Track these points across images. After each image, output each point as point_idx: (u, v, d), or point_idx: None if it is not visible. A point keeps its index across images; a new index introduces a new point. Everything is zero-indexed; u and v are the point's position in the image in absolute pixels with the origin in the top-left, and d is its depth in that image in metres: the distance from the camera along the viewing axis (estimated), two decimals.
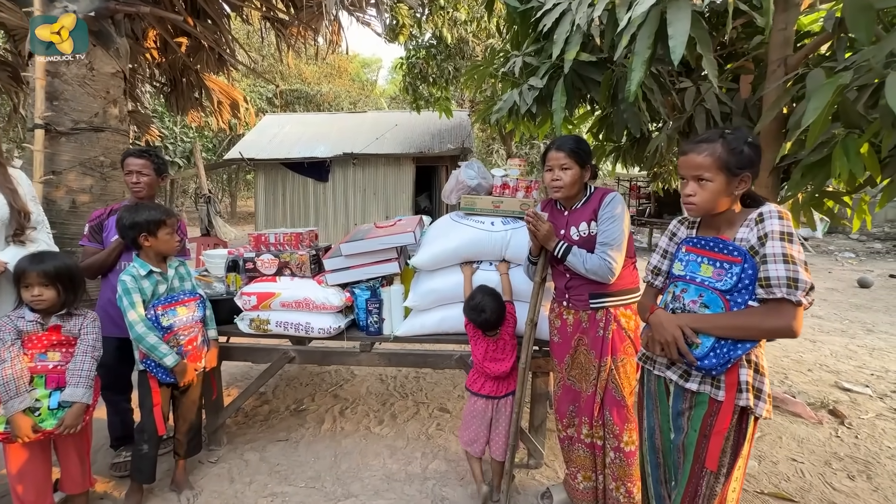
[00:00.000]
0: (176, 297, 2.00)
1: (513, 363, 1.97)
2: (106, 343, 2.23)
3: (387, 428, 2.71)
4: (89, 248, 2.23)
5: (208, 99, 5.99)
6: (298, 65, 18.62)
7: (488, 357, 1.98)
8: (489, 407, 2.00)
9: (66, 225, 3.38)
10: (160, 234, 1.97)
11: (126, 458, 2.25)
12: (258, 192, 9.97)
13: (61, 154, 3.39)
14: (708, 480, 1.24)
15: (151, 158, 2.23)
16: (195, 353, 2.01)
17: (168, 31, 4.95)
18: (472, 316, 1.95)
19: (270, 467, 2.31)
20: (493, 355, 1.98)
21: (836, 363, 3.77)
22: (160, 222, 1.96)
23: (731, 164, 1.23)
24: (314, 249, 2.41)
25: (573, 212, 1.84)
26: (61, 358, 1.72)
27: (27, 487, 1.69)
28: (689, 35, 1.71)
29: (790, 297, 1.13)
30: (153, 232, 1.96)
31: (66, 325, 1.74)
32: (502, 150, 12.08)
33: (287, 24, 5.46)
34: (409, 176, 9.72)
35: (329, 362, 2.39)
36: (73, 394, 1.69)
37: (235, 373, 3.50)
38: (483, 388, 2.01)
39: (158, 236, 1.97)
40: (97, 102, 3.55)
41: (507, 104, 2.80)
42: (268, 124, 11.28)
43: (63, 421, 1.66)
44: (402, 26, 5.80)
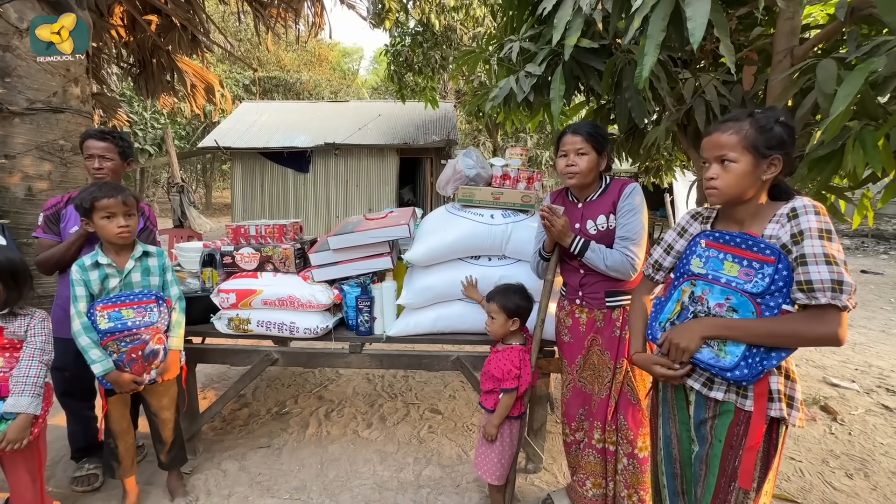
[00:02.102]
0: (125, 296, 1.74)
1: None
2: (66, 345, 2.01)
3: (376, 431, 2.57)
4: (45, 241, 1.99)
5: (181, 82, 5.65)
6: (277, 51, 18.03)
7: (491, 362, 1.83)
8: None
9: (21, 214, 3.10)
10: (94, 218, 1.71)
11: (89, 472, 2.05)
12: (234, 183, 9.59)
13: (15, 136, 3.10)
14: (737, 496, 1.15)
15: (115, 141, 2.00)
16: (139, 365, 1.73)
17: (136, 8, 4.62)
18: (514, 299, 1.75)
19: (251, 477, 2.14)
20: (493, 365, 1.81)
21: (822, 358, 3.81)
22: (91, 204, 1.69)
23: (760, 144, 1.12)
24: (299, 243, 2.23)
25: (588, 204, 1.73)
26: (4, 364, 1.50)
27: None
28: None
29: (836, 301, 1.02)
30: (87, 215, 1.71)
31: (9, 327, 1.53)
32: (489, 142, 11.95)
33: (266, 4, 5.18)
34: (393, 168, 9.51)
35: (315, 364, 2.23)
36: (17, 404, 1.46)
37: (212, 374, 3.29)
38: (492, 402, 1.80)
39: (94, 220, 1.71)
40: (55, 80, 3.25)
41: (503, 91, 2.67)
42: (245, 112, 10.84)
43: (5, 435, 1.45)
44: (387, 11, 5.58)
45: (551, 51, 2.48)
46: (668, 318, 1.25)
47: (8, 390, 1.48)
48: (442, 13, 6.31)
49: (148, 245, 1.89)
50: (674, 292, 1.28)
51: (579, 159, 1.64)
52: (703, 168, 1.26)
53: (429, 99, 7.22)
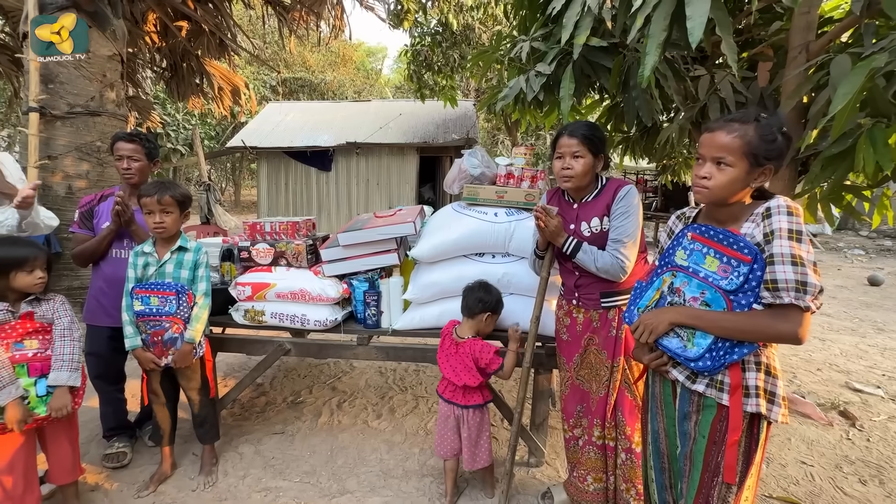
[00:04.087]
0: (155, 285, 1.92)
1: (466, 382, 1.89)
2: (98, 332, 2.19)
3: (385, 422, 2.66)
4: (80, 235, 2.16)
5: (209, 85, 5.90)
6: (302, 52, 18.43)
7: (444, 356, 1.95)
8: (451, 413, 1.95)
9: (62, 211, 3.32)
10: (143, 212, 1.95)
11: (119, 450, 2.21)
12: (260, 181, 9.90)
13: (56, 138, 3.34)
14: (720, 490, 1.17)
15: (142, 142, 2.15)
16: (159, 348, 1.92)
17: (168, 15, 4.85)
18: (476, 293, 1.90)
19: (265, 461, 2.26)
20: (449, 359, 1.93)
21: (847, 363, 3.68)
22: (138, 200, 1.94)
23: (759, 152, 1.12)
24: (311, 239, 2.33)
25: (583, 205, 1.74)
26: (39, 345, 1.67)
27: (16, 480, 1.64)
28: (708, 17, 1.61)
29: (798, 302, 1.05)
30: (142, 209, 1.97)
31: (38, 311, 1.70)
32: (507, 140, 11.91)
33: (289, 8, 5.34)
34: (413, 166, 9.61)
35: (325, 355, 2.33)
36: (58, 378, 1.66)
37: (233, 363, 3.45)
38: (445, 391, 1.97)
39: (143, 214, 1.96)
40: (93, 86, 3.47)
41: (512, 91, 2.70)
42: (271, 112, 11.16)
43: (51, 406, 1.64)
44: (406, 12, 5.65)
45: (561, 50, 2.50)
46: (647, 305, 1.28)
47: (40, 371, 1.65)
48: (460, 13, 6.34)
49: (189, 241, 2.04)
50: (655, 280, 1.31)
51: (575, 162, 1.65)
52: (697, 164, 1.27)
53: (448, 98, 7.28)
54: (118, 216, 2.04)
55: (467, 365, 1.88)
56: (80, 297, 2.96)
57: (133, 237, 2.13)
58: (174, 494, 2.01)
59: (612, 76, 2.35)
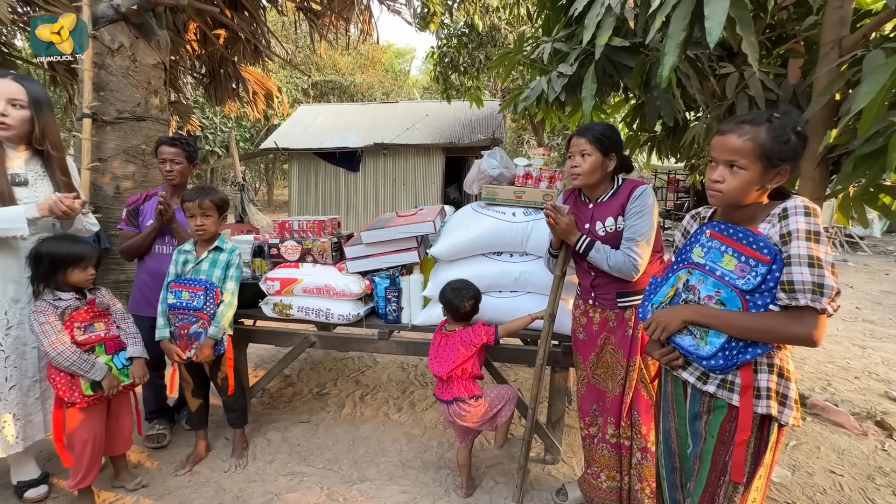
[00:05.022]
0: (188, 280, 2.06)
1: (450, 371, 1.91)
2: (142, 322, 2.35)
3: (405, 416, 2.74)
4: (126, 232, 2.35)
5: (244, 89, 6.16)
6: (333, 56, 18.86)
7: (434, 351, 1.99)
8: (449, 412, 1.96)
9: (110, 210, 3.58)
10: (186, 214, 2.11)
11: (158, 431, 2.38)
12: (292, 181, 10.23)
13: (106, 142, 3.58)
14: (726, 490, 1.17)
15: (183, 146, 2.31)
16: (184, 341, 2.05)
17: (207, 24, 5.11)
18: (447, 293, 1.95)
19: (291, 447, 2.38)
20: (438, 352, 1.97)
21: (888, 372, 3.50)
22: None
23: (773, 154, 1.10)
24: (336, 237, 2.44)
25: (598, 204, 1.76)
26: (105, 327, 1.88)
27: (94, 449, 1.83)
28: (728, 15, 1.60)
29: (814, 304, 1.03)
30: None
31: (98, 298, 1.91)
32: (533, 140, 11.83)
33: (320, 14, 5.52)
34: (439, 166, 9.71)
35: (348, 348, 2.43)
36: (135, 351, 1.95)
37: (264, 355, 3.62)
38: (437, 387, 2.00)
39: None
40: (139, 93, 3.71)
41: (534, 92, 2.73)
42: (302, 115, 11.51)
43: (133, 373, 1.91)
44: (432, 14, 5.74)
45: (584, 50, 2.51)
46: (661, 301, 1.29)
47: (114, 347, 1.89)
48: (486, 14, 6.38)
49: (227, 243, 2.18)
50: (671, 276, 1.31)
51: (582, 160, 1.68)
52: (710, 167, 1.27)
53: (473, 98, 7.32)
54: (161, 214, 2.21)
55: (454, 354, 1.91)
56: (126, 290, 3.17)
57: (173, 234, 2.29)
58: (208, 474, 2.15)
59: (634, 76, 2.35)
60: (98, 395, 1.80)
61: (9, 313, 1.81)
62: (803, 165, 2.31)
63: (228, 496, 2.00)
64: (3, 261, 1.79)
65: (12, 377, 1.82)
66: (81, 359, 1.74)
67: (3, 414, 1.80)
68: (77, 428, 1.80)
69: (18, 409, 1.83)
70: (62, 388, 1.75)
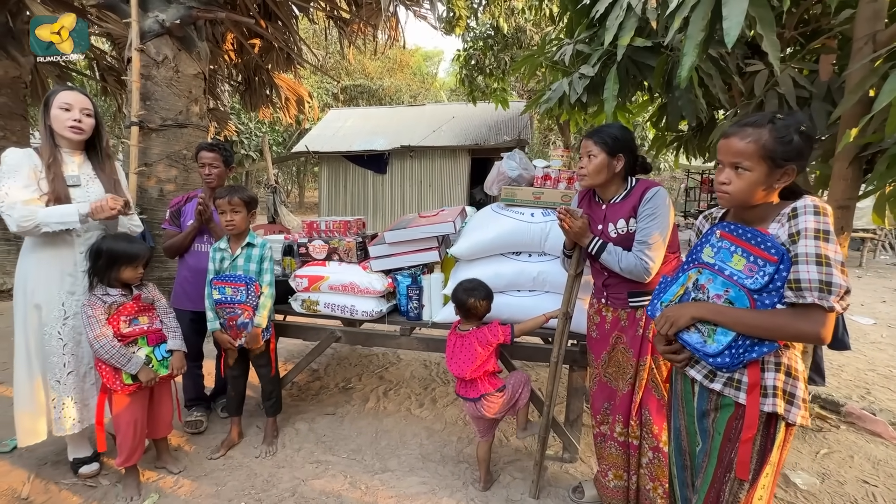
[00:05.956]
0: (229, 277, 2.20)
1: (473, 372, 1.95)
2: (182, 315, 2.53)
3: (426, 411, 2.81)
4: (169, 231, 2.53)
5: (277, 96, 6.43)
6: (362, 60, 19.26)
7: (450, 352, 2.03)
8: (473, 409, 2.01)
9: (155, 211, 3.83)
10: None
11: (196, 418, 2.55)
12: (322, 184, 10.54)
13: (152, 148, 3.84)
14: (731, 486, 1.18)
15: (220, 151, 2.48)
16: (234, 331, 2.23)
17: (243, 34, 5.37)
18: (459, 293, 1.99)
19: (318, 437, 2.50)
20: (455, 353, 2.01)
21: None
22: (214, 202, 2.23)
23: (777, 154, 1.12)
24: (360, 237, 2.54)
25: (611, 206, 1.77)
26: (148, 321, 2.03)
27: (138, 431, 1.99)
28: (748, 14, 1.59)
29: (822, 302, 1.04)
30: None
31: (143, 294, 2.06)
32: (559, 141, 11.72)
33: (348, 21, 5.70)
34: (465, 168, 9.77)
35: (371, 343, 2.53)
36: (174, 344, 2.08)
37: (293, 350, 3.78)
38: (460, 389, 2.05)
39: None
40: (181, 101, 3.96)
41: (556, 94, 2.75)
42: (332, 119, 11.83)
43: (173, 365, 2.05)
44: (458, 18, 5.82)
45: (605, 51, 2.51)
46: (671, 300, 1.31)
47: (155, 340, 2.02)
48: (511, 15, 6.40)
49: (256, 238, 2.32)
50: (681, 276, 1.32)
51: (588, 161, 1.71)
52: (717, 169, 1.29)
53: (499, 100, 7.36)
54: (200, 215, 2.37)
55: (472, 354, 1.95)
56: (168, 286, 3.40)
57: (211, 233, 2.45)
58: (240, 459, 2.29)
59: (656, 75, 2.34)
60: (137, 385, 1.93)
61: (66, 304, 1.99)
62: (835, 165, 2.24)
63: (259, 480, 2.13)
64: (61, 256, 1.98)
65: (70, 363, 2.00)
66: (120, 353, 1.87)
67: (63, 398, 1.98)
68: (122, 411, 1.95)
69: (76, 393, 2.02)
70: (107, 376, 1.90)
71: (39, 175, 1.91)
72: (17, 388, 1.99)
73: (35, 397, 1.98)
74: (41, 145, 1.98)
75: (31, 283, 1.95)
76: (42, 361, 1.98)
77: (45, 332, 1.96)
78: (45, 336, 1.96)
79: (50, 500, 1.98)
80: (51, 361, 1.97)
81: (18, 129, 5.21)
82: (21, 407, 1.99)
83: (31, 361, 1.97)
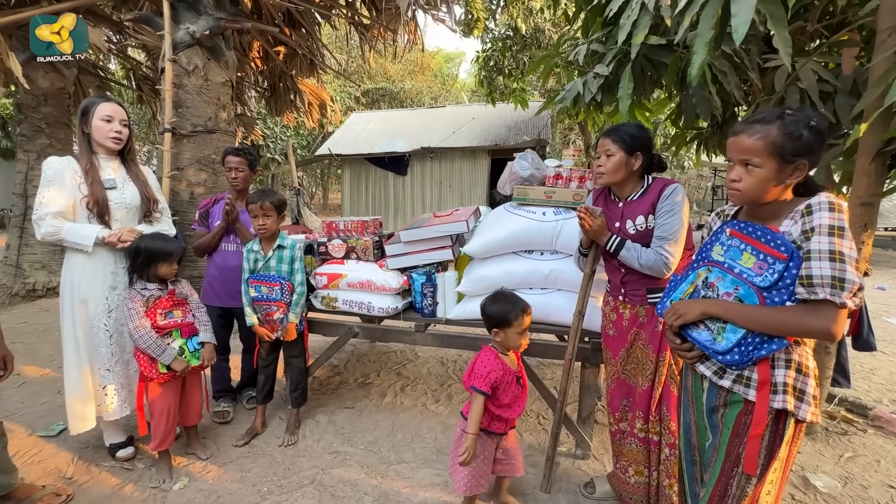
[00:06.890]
0: (263, 276, 2.34)
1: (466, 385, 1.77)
2: (210, 311, 2.66)
3: (442, 406, 2.87)
4: (198, 232, 2.68)
5: (301, 101, 6.63)
6: (383, 64, 19.53)
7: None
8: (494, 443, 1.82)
9: (186, 213, 4.03)
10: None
11: (224, 409, 2.68)
12: (344, 185, 10.77)
13: (183, 153, 4.04)
14: (739, 481, 1.19)
15: (245, 155, 2.61)
16: (270, 325, 2.37)
17: (268, 42, 5.57)
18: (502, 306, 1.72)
19: (336, 429, 2.59)
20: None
21: None
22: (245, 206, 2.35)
23: (786, 150, 1.12)
24: (377, 236, 2.63)
25: (628, 203, 1.79)
26: (182, 314, 2.17)
27: (170, 417, 2.12)
28: (758, 10, 1.59)
29: (834, 298, 1.03)
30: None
31: (178, 289, 2.19)
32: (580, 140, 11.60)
33: (369, 26, 5.83)
34: (485, 168, 9.81)
35: (387, 339, 2.61)
36: (205, 336, 2.20)
37: (313, 346, 3.89)
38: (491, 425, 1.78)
39: None
40: (210, 108, 4.15)
41: (570, 94, 2.77)
42: (354, 122, 12.07)
43: (204, 356, 2.17)
44: (476, 20, 5.87)
45: (620, 50, 2.52)
46: (681, 298, 1.32)
47: (188, 332, 2.16)
48: (529, 16, 6.40)
49: (286, 239, 2.43)
50: (690, 274, 1.33)
51: (606, 160, 1.73)
52: (728, 167, 1.29)
53: (518, 100, 7.36)
54: (227, 215, 2.50)
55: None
56: (197, 285, 3.57)
57: (237, 234, 2.59)
58: (263, 447, 2.40)
59: (669, 73, 2.34)
60: (171, 374, 2.07)
61: (109, 298, 2.14)
62: (857, 161, 2.19)
63: (280, 467, 2.23)
64: (103, 255, 2.14)
65: (116, 353, 2.16)
66: (156, 343, 2.01)
67: (110, 384, 2.14)
68: (156, 399, 2.09)
69: (123, 379, 2.17)
70: (144, 366, 2.05)
71: (79, 180, 2.07)
72: (67, 377, 2.15)
73: (84, 385, 2.13)
74: (79, 152, 2.15)
75: (77, 280, 2.11)
76: (90, 352, 2.13)
77: (92, 325, 2.12)
78: (92, 329, 2.12)
79: (91, 479, 2.13)
80: (99, 352, 2.13)
81: (63, 136, 5.56)
82: (72, 394, 2.14)
83: (79, 352, 2.12)
